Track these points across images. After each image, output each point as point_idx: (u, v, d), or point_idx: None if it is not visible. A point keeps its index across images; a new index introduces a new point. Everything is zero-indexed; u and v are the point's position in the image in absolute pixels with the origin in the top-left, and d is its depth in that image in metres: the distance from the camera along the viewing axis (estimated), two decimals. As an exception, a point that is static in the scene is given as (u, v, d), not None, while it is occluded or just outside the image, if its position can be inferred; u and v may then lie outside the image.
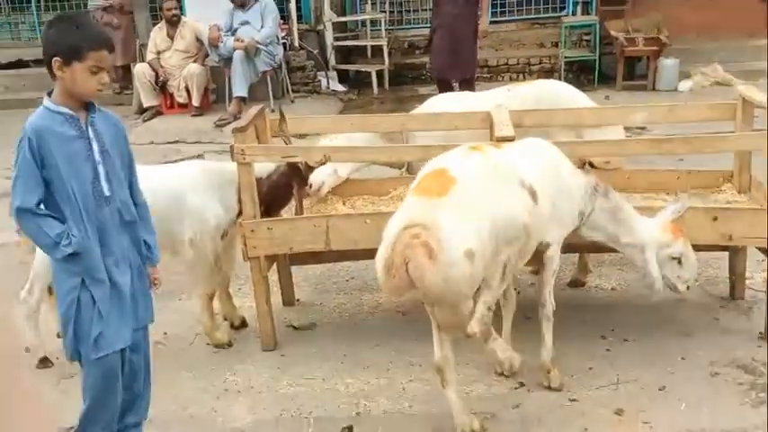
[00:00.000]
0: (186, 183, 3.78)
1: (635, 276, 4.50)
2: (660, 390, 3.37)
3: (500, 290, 3.04)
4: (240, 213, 3.82)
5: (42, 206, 2.61)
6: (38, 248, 3.09)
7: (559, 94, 4.38)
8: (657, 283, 3.34)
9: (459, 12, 7.78)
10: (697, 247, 4.02)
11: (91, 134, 2.63)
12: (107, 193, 2.65)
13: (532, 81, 4.78)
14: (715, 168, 4.22)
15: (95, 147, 2.63)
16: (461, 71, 7.92)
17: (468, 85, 7.87)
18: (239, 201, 3.82)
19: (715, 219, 3.45)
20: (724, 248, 4.04)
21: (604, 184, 3.37)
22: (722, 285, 4.23)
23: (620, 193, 4.03)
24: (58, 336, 4.03)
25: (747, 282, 4.15)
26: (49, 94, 2.65)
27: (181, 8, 9.33)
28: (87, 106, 2.65)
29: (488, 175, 2.91)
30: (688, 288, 3.45)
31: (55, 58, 2.53)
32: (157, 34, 9.11)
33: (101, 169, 2.63)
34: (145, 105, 9.20)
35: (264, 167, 3.85)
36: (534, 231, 3.02)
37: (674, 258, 3.35)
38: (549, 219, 3.13)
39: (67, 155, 2.58)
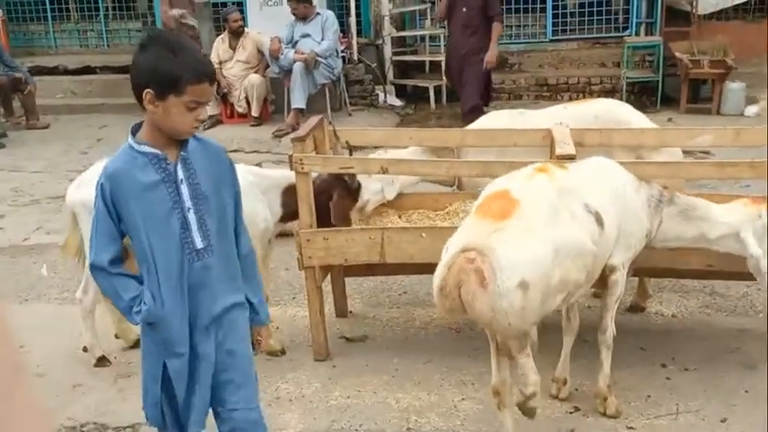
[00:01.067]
0: None
1: (696, 303, 4.38)
2: (721, 422, 3.25)
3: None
4: (282, 218, 3.86)
5: (119, 263, 2.28)
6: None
7: (617, 113, 4.31)
8: (763, 261, 3.18)
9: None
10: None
11: (180, 175, 2.22)
12: (200, 245, 2.25)
13: (590, 100, 4.71)
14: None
15: (185, 191, 2.23)
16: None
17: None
18: (282, 205, 3.85)
19: (783, 247, 3.32)
20: (792, 278, 3.89)
21: (669, 191, 3.27)
22: (788, 317, 4.08)
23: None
24: (116, 336, 4.11)
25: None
26: (135, 130, 2.26)
27: (244, 20, 9.49)
28: (180, 140, 2.25)
29: (553, 200, 2.81)
30: None
31: (147, 90, 2.12)
32: (220, 45, 9.28)
33: (192, 217, 2.24)
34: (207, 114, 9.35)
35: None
36: (600, 257, 2.93)
37: None
38: (615, 243, 3.04)
39: (147, 206, 2.20)
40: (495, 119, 4.49)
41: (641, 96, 9.68)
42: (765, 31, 9.86)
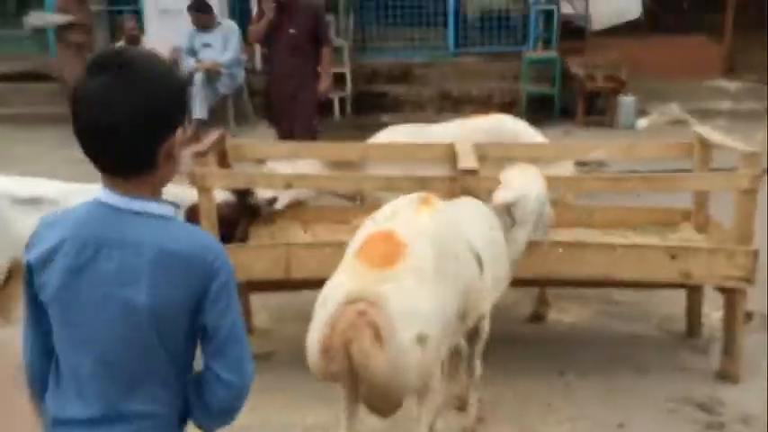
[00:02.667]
0: None
1: (594, 310, 4.53)
2: (618, 426, 3.36)
3: (442, 390, 2.66)
4: None
5: None
6: None
7: (510, 128, 4.45)
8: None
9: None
10: (655, 285, 4.10)
11: None
12: None
13: (484, 115, 4.86)
14: (672, 206, 4.29)
15: None
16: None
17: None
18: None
19: (674, 257, 3.48)
20: (681, 286, 4.08)
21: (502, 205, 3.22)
22: (679, 323, 4.27)
23: (578, 228, 4.11)
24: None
25: (704, 320, 4.20)
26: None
27: (141, 28, 9.22)
28: None
29: (440, 240, 2.57)
30: None
31: (180, 129, 1.53)
32: (117, 54, 8.98)
33: None
34: (102, 125, 9.02)
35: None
36: (477, 302, 2.80)
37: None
38: (490, 287, 2.93)
39: None
40: (393, 133, 4.53)
41: (539, 109, 9.99)
42: (653, 48, 10.38)
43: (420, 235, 2.52)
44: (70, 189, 3.74)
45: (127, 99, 1.42)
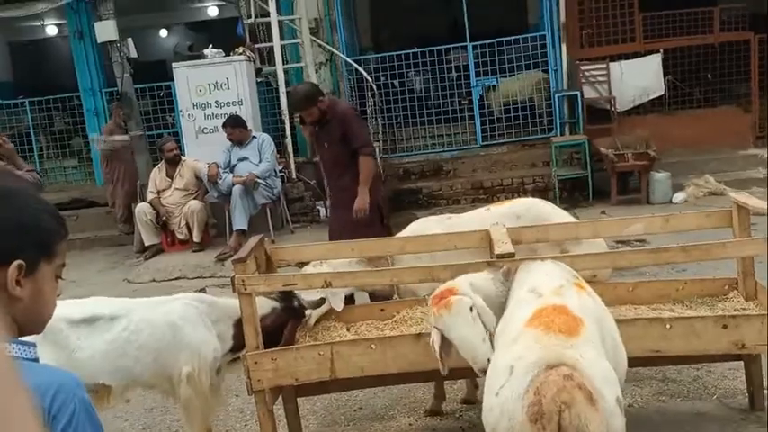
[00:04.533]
0: (183, 314, 3.75)
1: (650, 390, 4.39)
2: None
3: None
4: (233, 349, 3.79)
5: None
6: None
7: (538, 210, 4.46)
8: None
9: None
10: (710, 357, 3.98)
11: None
12: None
13: (511, 200, 4.90)
14: (719, 276, 4.21)
15: None
16: None
17: None
18: (234, 337, 3.80)
19: (725, 327, 3.39)
20: (738, 357, 3.96)
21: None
22: (741, 397, 4.11)
23: (625, 305, 4.04)
24: None
25: (766, 391, 4.04)
26: None
27: (180, 148, 9.60)
28: None
29: (599, 320, 2.68)
30: None
31: (18, 263, 1.37)
32: (157, 175, 9.33)
33: None
34: (146, 244, 9.27)
35: (260, 308, 3.81)
36: None
37: None
38: None
39: None
40: (423, 225, 4.58)
41: (573, 192, 10.03)
42: (681, 122, 10.44)
43: (587, 312, 2.60)
44: (126, 305, 3.84)
45: None
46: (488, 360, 2.75)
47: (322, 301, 3.96)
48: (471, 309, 2.86)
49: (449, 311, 2.88)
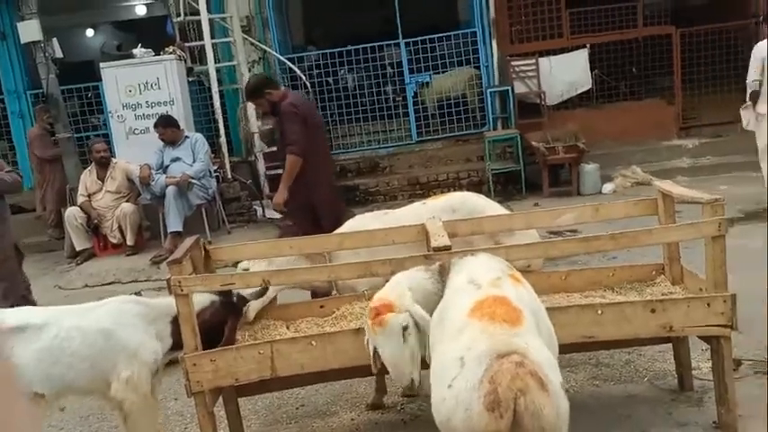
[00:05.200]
0: (115, 318, 3.69)
1: (584, 375, 4.51)
2: (624, 489, 3.31)
3: None
4: (173, 347, 3.74)
5: None
6: None
7: (472, 204, 4.55)
8: None
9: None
10: (640, 341, 4.12)
11: None
12: None
13: (446, 194, 4.98)
14: (646, 263, 4.36)
15: None
16: None
17: None
18: (173, 334, 3.75)
19: (653, 311, 3.52)
20: (667, 340, 4.10)
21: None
22: (670, 378, 4.27)
23: (559, 294, 4.15)
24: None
25: (694, 372, 4.20)
26: None
27: (110, 150, 9.38)
28: None
29: (534, 308, 2.74)
30: None
31: None
32: (87, 177, 9.09)
33: None
34: (77, 249, 9.04)
35: (198, 303, 3.77)
36: None
37: None
38: None
39: None
40: (360, 221, 4.61)
41: (507, 185, 10.21)
42: (608, 115, 10.74)
43: (524, 302, 2.64)
44: (56, 313, 3.75)
45: None
46: (412, 380, 2.86)
47: (264, 290, 3.92)
48: (405, 328, 2.88)
49: (382, 330, 2.89)
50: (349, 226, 4.60)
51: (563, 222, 4.25)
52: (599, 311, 3.51)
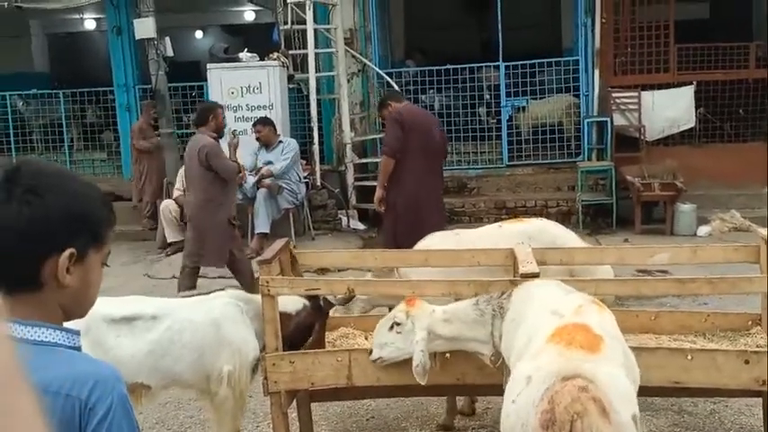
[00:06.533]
0: (224, 312, 3.76)
1: (665, 422, 4.35)
2: None
3: None
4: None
5: None
6: None
7: (551, 233, 4.48)
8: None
9: None
10: (728, 392, 3.94)
11: None
12: None
13: (524, 219, 4.91)
14: (742, 311, 4.18)
15: None
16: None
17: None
18: None
19: (747, 362, 3.36)
20: (757, 394, 3.91)
21: None
22: (758, 433, 4.07)
23: (647, 334, 4.02)
24: None
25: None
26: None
27: (209, 148, 9.68)
28: None
29: (618, 337, 2.75)
30: None
31: (69, 251, 1.37)
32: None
33: None
34: (169, 240, 9.34)
35: (293, 305, 3.84)
36: None
37: None
38: None
39: None
40: (433, 240, 4.60)
41: (596, 218, 9.98)
42: (710, 155, 10.37)
43: (608, 331, 2.65)
44: (168, 304, 3.83)
45: (9, 212, 1.34)
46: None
47: (350, 297, 3.96)
48: (398, 324, 3.33)
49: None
50: (422, 244, 4.60)
51: (658, 261, 4.12)
52: (689, 356, 3.38)
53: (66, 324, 1.43)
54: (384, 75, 10.87)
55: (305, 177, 9.59)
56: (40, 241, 1.36)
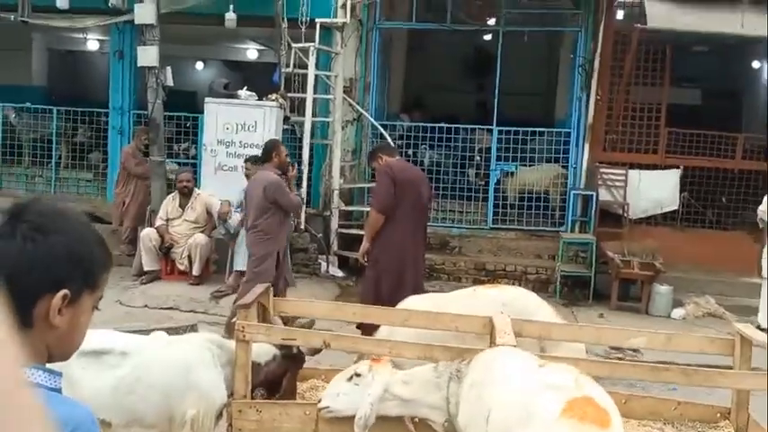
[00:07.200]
0: (198, 356, 3.71)
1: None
2: None
3: None
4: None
5: None
6: None
7: (525, 303, 4.47)
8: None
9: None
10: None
11: None
12: None
13: (498, 286, 4.92)
14: (711, 403, 4.19)
15: None
16: None
17: None
18: None
19: (714, 456, 3.37)
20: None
21: None
22: None
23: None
24: None
25: None
26: None
27: (197, 180, 9.68)
28: None
29: (617, 412, 2.87)
30: None
31: (63, 293, 1.38)
32: (170, 203, 9.38)
33: None
34: (145, 269, 9.27)
35: (264, 354, 3.80)
36: None
37: None
38: None
39: None
40: (410, 303, 4.59)
41: (574, 289, 10.03)
42: (690, 239, 10.51)
43: (608, 405, 2.80)
44: (139, 341, 3.76)
45: (6, 248, 1.36)
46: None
47: (318, 350, 3.93)
48: (357, 375, 3.39)
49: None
50: (405, 304, 4.60)
51: (633, 345, 4.15)
52: (657, 446, 3.39)
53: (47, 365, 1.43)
54: (379, 126, 10.98)
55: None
56: (38, 280, 1.37)
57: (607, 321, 8.48)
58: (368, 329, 4.82)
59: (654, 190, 10.60)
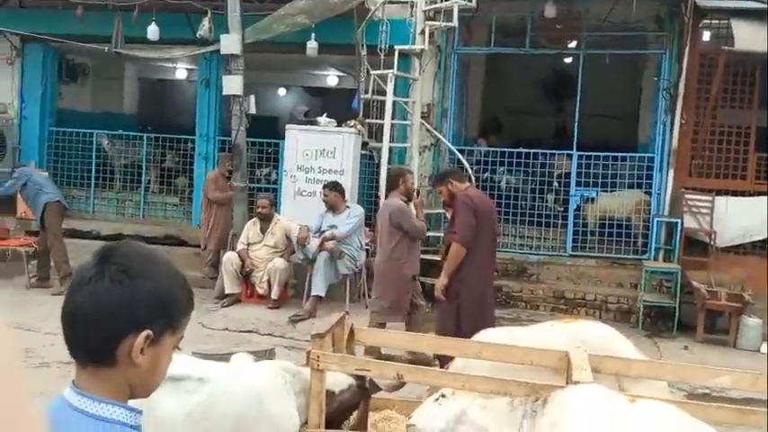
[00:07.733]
0: (271, 384, 3.77)
1: None
2: None
3: None
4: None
5: None
6: None
7: (602, 337, 4.34)
8: None
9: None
10: None
11: None
12: None
13: (577, 320, 4.80)
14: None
15: None
16: None
17: None
18: None
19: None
20: None
21: None
22: None
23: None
24: None
25: None
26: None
27: (276, 206, 9.89)
28: None
29: None
30: None
31: (146, 333, 1.44)
32: (251, 228, 9.62)
33: None
34: (227, 291, 9.51)
35: (338, 383, 3.84)
36: None
37: None
38: None
39: None
40: (483, 337, 4.53)
41: (657, 320, 9.70)
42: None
43: None
44: (215, 368, 3.84)
45: (95, 289, 1.42)
46: None
47: (400, 385, 3.93)
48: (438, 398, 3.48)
49: None
50: (480, 336, 4.55)
51: (718, 384, 3.99)
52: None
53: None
54: (456, 151, 10.98)
55: (366, 244, 9.67)
56: (123, 320, 1.43)
57: (692, 354, 8.17)
58: (445, 358, 4.81)
59: (742, 217, 10.18)
